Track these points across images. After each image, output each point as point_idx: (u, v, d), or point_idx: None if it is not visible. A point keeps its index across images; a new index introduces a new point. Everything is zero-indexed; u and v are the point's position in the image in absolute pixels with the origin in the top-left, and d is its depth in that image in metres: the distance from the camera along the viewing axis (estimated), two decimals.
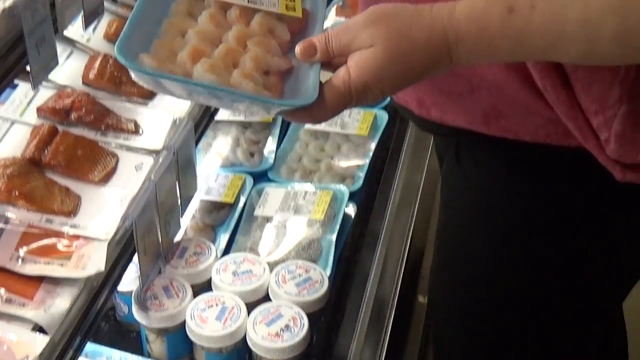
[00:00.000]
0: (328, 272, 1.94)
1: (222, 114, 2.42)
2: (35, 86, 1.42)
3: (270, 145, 2.42)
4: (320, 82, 1.06)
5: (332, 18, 3.16)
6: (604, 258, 1.36)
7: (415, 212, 2.33)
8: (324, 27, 1.20)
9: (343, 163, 2.36)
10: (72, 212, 1.48)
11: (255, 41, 1.11)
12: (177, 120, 1.70)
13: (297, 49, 1.08)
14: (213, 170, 2.33)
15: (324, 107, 1.05)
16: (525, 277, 1.40)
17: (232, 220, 2.15)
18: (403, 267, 2.11)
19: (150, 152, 1.65)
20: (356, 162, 2.36)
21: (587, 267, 1.36)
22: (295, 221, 2.09)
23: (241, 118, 2.47)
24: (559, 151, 1.23)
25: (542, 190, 1.31)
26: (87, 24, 1.60)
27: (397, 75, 1.04)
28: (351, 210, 2.18)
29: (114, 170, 1.59)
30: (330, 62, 1.09)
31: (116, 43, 1.06)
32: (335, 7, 3.22)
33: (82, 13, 1.56)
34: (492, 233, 1.40)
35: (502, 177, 1.35)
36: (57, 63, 1.46)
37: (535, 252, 1.37)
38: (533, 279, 1.40)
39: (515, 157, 1.30)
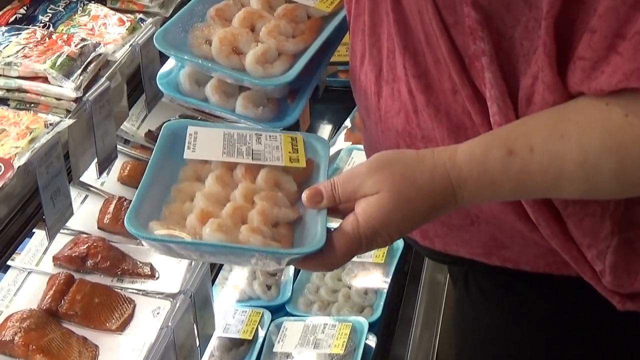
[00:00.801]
0: None
1: None
2: (51, 238, 1.43)
3: (287, 276, 2.40)
4: (329, 230, 1.07)
5: (340, 143, 3.19)
6: None
7: (438, 335, 2.29)
8: (335, 153, 1.22)
9: (361, 292, 2.34)
10: None
11: (262, 196, 1.12)
12: (193, 263, 1.69)
13: (304, 196, 1.09)
14: (230, 305, 2.30)
15: (335, 254, 1.05)
16: None
17: (251, 358, 2.11)
18: None
19: (167, 296, 1.63)
20: (374, 290, 2.34)
21: None
22: (315, 357, 2.05)
23: None
24: (560, 280, 1.22)
25: (545, 318, 1.31)
26: (101, 171, 1.62)
27: (403, 219, 1.05)
28: (372, 341, 2.14)
29: (131, 317, 1.58)
30: (337, 208, 1.10)
31: (126, 214, 1.07)
32: (344, 131, 3.26)
33: (95, 160, 1.58)
34: None
35: (505, 306, 1.35)
36: (72, 213, 1.47)
37: None
38: None
39: (518, 286, 1.30)
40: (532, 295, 1.30)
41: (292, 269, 2.41)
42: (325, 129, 3.36)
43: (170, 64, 1.30)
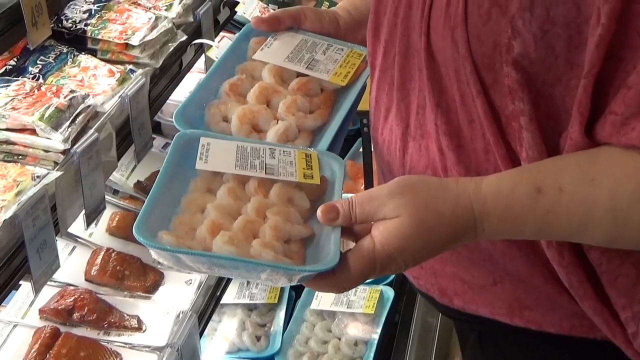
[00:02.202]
0: None
1: (228, 297, 2.39)
2: (37, 291, 1.41)
3: (277, 327, 2.38)
4: (341, 252, 1.04)
5: None
6: None
7: None
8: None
9: (351, 343, 2.32)
10: None
11: (274, 210, 1.10)
12: (181, 315, 1.68)
13: (319, 211, 1.06)
14: (219, 357, 2.28)
15: (348, 274, 1.02)
16: None
17: None
18: None
19: (154, 349, 1.62)
20: (364, 341, 2.32)
21: None
22: None
23: (246, 300, 2.45)
24: (585, 343, 1.20)
25: None
26: (89, 222, 1.61)
27: (421, 247, 1.03)
28: None
29: None
30: (350, 229, 1.07)
31: (134, 223, 1.04)
32: None
33: (83, 212, 1.57)
34: None
35: None
36: (58, 266, 1.46)
37: None
38: None
39: (539, 348, 1.26)
40: (554, 357, 1.27)
41: (281, 319, 2.39)
42: None
43: None
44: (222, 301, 2.17)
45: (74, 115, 1.53)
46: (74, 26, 1.86)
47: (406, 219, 1.01)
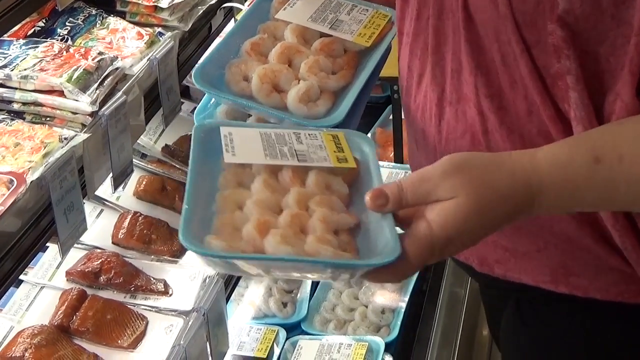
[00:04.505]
0: None
1: None
2: (64, 253, 1.41)
3: (304, 294, 2.38)
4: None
5: None
6: None
7: (457, 354, 2.25)
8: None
9: (378, 311, 2.31)
10: None
11: (317, 201, 1.03)
12: (207, 279, 1.67)
13: (367, 198, 0.99)
14: (245, 323, 2.28)
15: (408, 263, 0.95)
16: None
17: None
18: None
19: (180, 313, 1.62)
20: (391, 309, 2.31)
21: None
22: None
23: None
24: (629, 308, 1.18)
25: (612, 347, 1.25)
26: (116, 185, 1.60)
27: (480, 227, 0.98)
28: None
29: (143, 334, 1.56)
30: (396, 214, 1.00)
31: (179, 232, 0.96)
32: None
33: (111, 175, 1.57)
34: None
35: (569, 335, 1.28)
36: (85, 228, 1.46)
37: None
38: None
39: (581, 315, 1.24)
40: (597, 324, 1.24)
41: (308, 286, 2.38)
42: None
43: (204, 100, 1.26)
44: None
45: (102, 77, 1.52)
46: None
47: (464, 199, 0.96)
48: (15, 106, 1.47)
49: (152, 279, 1.69)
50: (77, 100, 1.46)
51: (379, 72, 1.32)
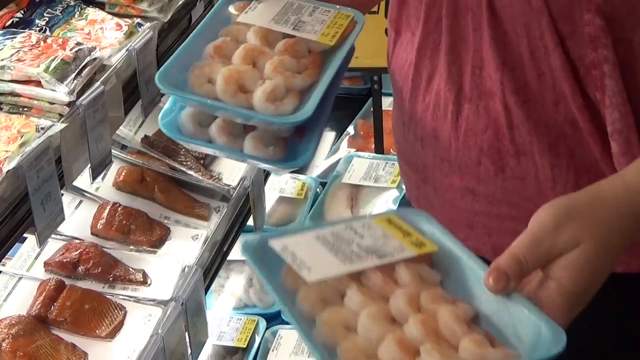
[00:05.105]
0: None
1: (236, 254, 2.39)
2: (41, 244, 1.41)
3: None
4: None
5: (343, 149, 3.18)
6: None
7: None
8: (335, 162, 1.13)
9: None
10: None
11: (431, 299, 0.93)
12: (186, 269, 1.68)
13: (488, 282, 0.91)
14: (226, 313, 2.29)
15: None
16: None
17: None
18: None
19: (158, 302, 1.62)
20: None
21: None
22: None
23: None
24: None
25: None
26: (94, 176, 1.60)
27: (609, 263, 0.94)
28: None
29: (121, 323, 1.57)
30: None
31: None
32: (347, 138, 3.25)
33: (89, 165, 1.57)
34: None
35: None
36: (63, 218, 1.46)
37: None
38: None
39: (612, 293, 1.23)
40: (617, 296, 1.19)
41: None
42: (327, 136, 3.35)
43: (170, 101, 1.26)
44: (230, 257, 2.17)
45: (79, 67, 1.52)
46: None
47: (590, 242, 0.91)
48: None
49: (130, 269, 1.69)
50: (54, 91, 1.46)
51: (344, 71, 1.32)
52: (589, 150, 1.10)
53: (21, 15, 1.73)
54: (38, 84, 1.46)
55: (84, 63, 1.53)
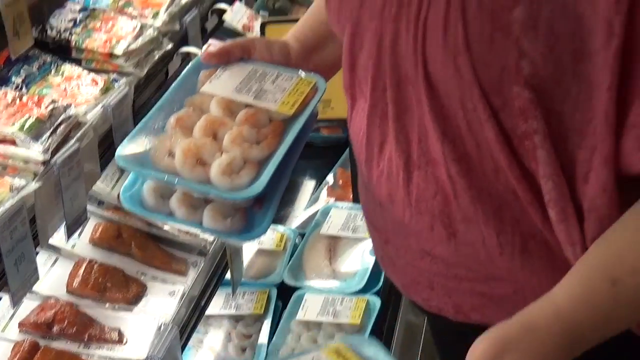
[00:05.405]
0: None
1: (214, 308, 2.37)
2: (15, 304, 1.40)
3: (263, 338, 2.36)
4: None
5: (322, 199, 3.17)
6: None
7: None
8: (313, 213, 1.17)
9: None
10: None
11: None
12: (162, 326, 1.66)
13: None
14: None
15: None
16: None
17: None
18: None
19: None
20: None
21: None
22: None
23: (232, 311, 2.43)
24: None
25: None
26: (70, 233, 1.59)
27: None
28: None
29: None
30: None
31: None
32: (326, 187, 3.25)
33: (64, 223, 1.56)
34: None
35: None
36: (37, 278, 1.44)
37: None
38: None
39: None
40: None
41: (267, 330, 2.37)
42: (307, 185, 3.35)
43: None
44: (208, 312, 2.15)
45: (54, 125, 1.51)
46: (59, 36, 1.84)
47: None
48: None
49: (106, 327, 1.67)
50: (28, 149, 1.45)
51: (306, 136, 1.32)
52: (531, 219, 1.11)
53: None
54: (13, 142, 1.46)
55: (59, 120, 1.53)
